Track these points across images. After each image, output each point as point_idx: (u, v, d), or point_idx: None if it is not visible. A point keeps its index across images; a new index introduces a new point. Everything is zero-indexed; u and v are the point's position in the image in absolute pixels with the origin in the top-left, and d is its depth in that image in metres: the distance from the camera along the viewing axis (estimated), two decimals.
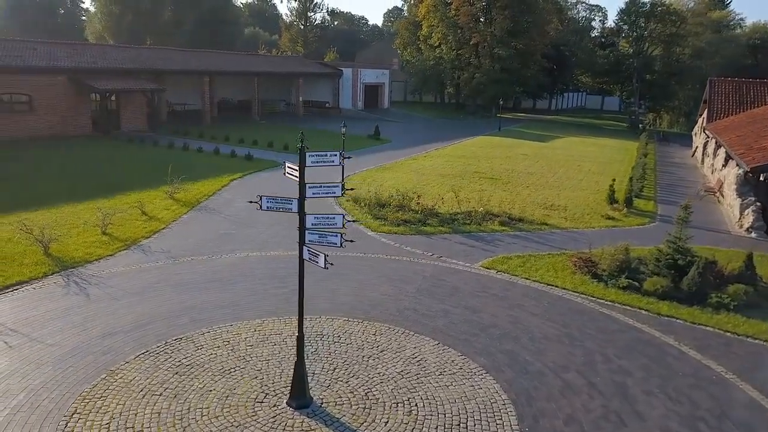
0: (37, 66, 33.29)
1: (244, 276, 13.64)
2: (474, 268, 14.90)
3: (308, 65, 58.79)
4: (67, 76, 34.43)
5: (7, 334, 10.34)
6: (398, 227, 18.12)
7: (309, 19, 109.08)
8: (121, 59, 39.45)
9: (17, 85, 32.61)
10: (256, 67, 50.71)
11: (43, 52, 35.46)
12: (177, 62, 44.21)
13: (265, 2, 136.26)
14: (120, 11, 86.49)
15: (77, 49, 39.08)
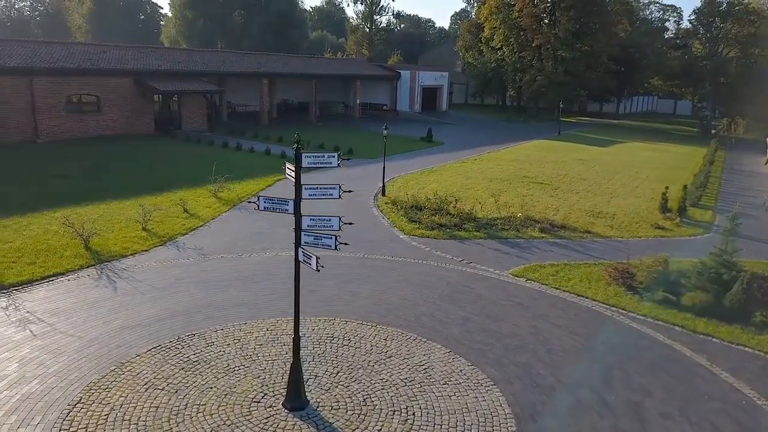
0: (105, 68, 35.01)
1: (268, 275, 13.77)
2: (503, 275, 14.46)
3: (367, 68, 59.15)
4: (132, 78, 36.02)
5: (34, 323, 10.82)
6: (432, 231, 17.85)
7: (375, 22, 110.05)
8: (184, 62, 40.92)
9: (87, 86, 34.38)
10: (315, 70, 51.43)
11: (112, 56, 37.25)
12: (237, 65, 45.44)
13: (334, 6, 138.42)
14: (193, 16, 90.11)
15: (144, 52, 40.83)
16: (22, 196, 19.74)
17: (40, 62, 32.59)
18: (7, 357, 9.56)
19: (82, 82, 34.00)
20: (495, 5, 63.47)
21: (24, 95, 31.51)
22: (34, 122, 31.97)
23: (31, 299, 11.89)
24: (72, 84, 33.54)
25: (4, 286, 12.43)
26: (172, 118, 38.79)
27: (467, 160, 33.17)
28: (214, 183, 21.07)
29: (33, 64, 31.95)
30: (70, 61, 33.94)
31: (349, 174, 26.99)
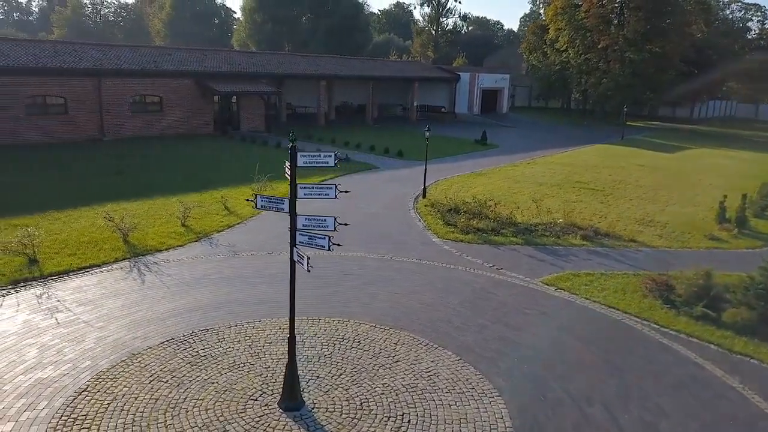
0: (168, 70, 36.45)
1: (286, 279, 13.79)
2: (533, 283, 13.96)
3: (425, 70, 58.93)
4: (193, 80, 37.32)
5: (61, 311, 11.30)
6: (467, 235, 17.48)
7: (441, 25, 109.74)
8: (244, 64, 42.03)
9: (151, 87, 35.89)
10: (372, 72, 51.66)
11: (176, 58, 38.74)
12: (296, 67, 46.26)
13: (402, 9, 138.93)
14: (262, 20, 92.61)
15: (206, 54, 42.23)
16: (79, 191, 20.77)
17: (108, 64, 34.31)
18: (29, 343, 10.01)
19: (146, 83, 35.53)
20: (560, 6, 61.81)
21: (92, 95, 33.23)
22: (101, 121, 33.65)
23: (63, 288, 12.43)
24: (137, 85, 35.09)
25: (43, 275, 13.06)
26: (230, 119, 39.92)
27: (520, 163, 32.40)
28: (257, 182, 21.44)
29: (101, 66, 33.66)
30: (135, 63, 35.55)
31: (395, 175, 26.96)
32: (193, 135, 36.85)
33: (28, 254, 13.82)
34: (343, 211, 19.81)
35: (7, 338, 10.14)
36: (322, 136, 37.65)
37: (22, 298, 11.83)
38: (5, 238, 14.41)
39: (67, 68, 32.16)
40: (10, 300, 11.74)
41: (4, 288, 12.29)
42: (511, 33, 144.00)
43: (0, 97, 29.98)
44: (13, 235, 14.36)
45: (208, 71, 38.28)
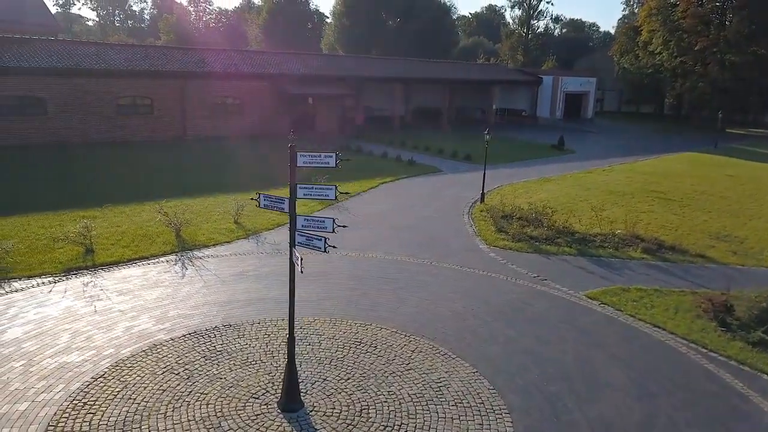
0: (247, 73, 37.80)
1: (327, 274, 13.85)
2: (576, 296, 13.19)
3: (506, 73, 57.66)
4: (271, 82, 38.47)
5: (101, 300, 11.89)
6: (517, 243, 16.83)
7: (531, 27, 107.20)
8: (322, 66, 42.88)
9: (231, 89, 37.35)
10: (451, 75, 51.15)
11: (255, 61, 40.11)
12: (373, 69, 46.62)
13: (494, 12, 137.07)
14: (350, 23, 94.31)
15: (285, 57, 43.41)
16: (149, 186, 21.90)
17: (192, 67, 36.06)
18: (64, 328, 10.58)
19: (226, 86, 37.02)
20: (655, 6, 58.53)
21: (177, 97, 35.03)
22: (184, 121, 35.40)
23: (109, 278, 13.09)
24: (218, 87, 36.62)
25: (95, 264, 13.83)
26: (306, 121, 40.78)
27: (594, 170, 30.90)
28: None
29: (186, 69, 35.42)
30: (218, 66, 37.12)
31: (458, 179, 26.51)
32: (270, 136, 37.86)
33: (85, 245, 14.69)
34: (395, 214, 19.75)
35: (47, 322, 10.78)
36: (393, 139, 37.66)
37: (70, 285, 12.56)
38: (73, 229, 15.32)
39: (155, 71, 34.11)
40: (60, 287, 12.49)
41: (58, 275, 13.10)
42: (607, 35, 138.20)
43: (95, 98, 32.25)
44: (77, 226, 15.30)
45: (285, 74, 39.32)
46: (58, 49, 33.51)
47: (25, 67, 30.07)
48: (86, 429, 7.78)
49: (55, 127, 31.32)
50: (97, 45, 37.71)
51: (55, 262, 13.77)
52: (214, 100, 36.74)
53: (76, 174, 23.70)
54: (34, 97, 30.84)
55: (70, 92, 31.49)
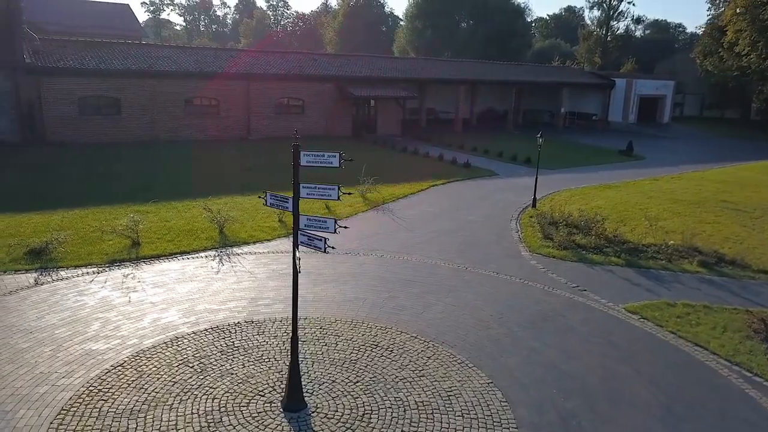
0: (311, 74, 38.45)
1: (358, 276, 13.79)
2: (614, 309, 12.51)
3: (576, 75, 55.81)
4: (334, 84, 38.97)
5: (136, 291, 12.35)
6: (562, 251, 16.20)
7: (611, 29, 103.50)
8: (385, 69, 43.00)
9: (294, 90, 38.11)
10: (517, 77, 50.04)
11: (320, 63, 40.77)
12: (437, 71, 46.31)
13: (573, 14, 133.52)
14: (422, 26, 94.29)
15: (350, 60, 43.89)
16: (205, 183, 22.61)
17: (257, 69, 37.06)
18: (97, 317, 11.05)
19: (290, 87, 37.79)
20: (742, 5, 54.93)
21: (242, 97, 36.10)
22: (248, 121, 36.43)
23: (149, 271, 13.59)
24: (281, 88, 37.45)
25: (138, 257, 14.39)
26: (368, 122, 41.06)
27: (661, 178, 29.34)
28: (362, 184, 21.76)
29: (251, 71, 36.45)
30: (282, 68, 37.98)
31: (514, 183, 25.88)
32: (331, 137, 38.40)
33: (132, 238, 15.33)
34: (439, 218, 19.47)
35: (83, 311, 11.29)
36: (453, 141, 37.25)
37: (110, 276, 13.13)
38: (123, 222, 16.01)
39: (221, 72, 35.27)
40: (101, 277, 13.07)
41: (102, 266, 13.73)
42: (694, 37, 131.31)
43: (165, 98, 33.74)
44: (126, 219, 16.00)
45: (348, 76, 39.71)
46: (134, 52, 35.30)
47: (103, 69, 31.87)
48: (95, 415, 8.05)
49: (128, 126, 33.00)
50: (170, 48, 39.42)
51: (102, 253, 14.44)
52: (278, 101, 37.59)
53: (140, 170, 24.81)
54: (110, 97, 32.61)
55: (142, 93, 33.08)
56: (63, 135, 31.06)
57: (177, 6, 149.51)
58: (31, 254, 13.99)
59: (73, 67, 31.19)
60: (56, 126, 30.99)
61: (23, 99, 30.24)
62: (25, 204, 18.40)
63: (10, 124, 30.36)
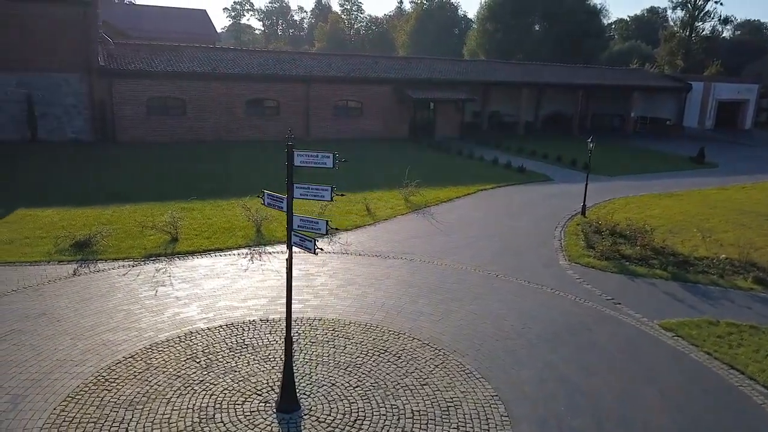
0: (369, 77, 38.62)
1: (383, 279, 13.63)
2: (648, 324, 11.75)
3: (648, 78, 53.21)
4: (392, 87, 38.98)
5: (163, 285, 12.71)
6: (603, 261, 15.43)
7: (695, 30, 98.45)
8: (444, 71, 42.60)
9: (353, 93, 38.40)
10: (583, 80, 48.29)
11: (380, 66, 40.90)
12: (498, 74, 45.45)
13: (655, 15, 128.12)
14: (493, 28, 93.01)
15: (411, 62, 43.81)
16: (253, 182, 23.02)
17: (318, 71, 37.60)
18: (122, 309, 11.44)
19: (349, 89, 38.10)
20: None
21: (302, 99, 36.72)
22: (307, 122, 37.00)
23: (180, 266, 13.97)
24: (341, 90, 37.82)
25: (173, 252, 14.83)
26: (426, 125, 40.82)
27: (731, 187, 27.49)
28: (406, 187, 21.59)
29: (311, 73, 37.02)
30: (342, 71, 38.36)
31: (567, 189, 25.00)
32: (388, 139, 38.44)
33: (171, 234, 15.83)
34: (480, 223, 19.01)
35: (109, 302, 11.73)
36: (511, 145, 36.42)
37: (143, 270, 13.59)
38: (165, 218, 16.56)
39: (283, 75, 36.02)
40: (135, 270, 13.56)
41: (138, 260, 14.25)
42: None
43: (228, 99, 34.80)
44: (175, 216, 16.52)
45: (408, 78, 39.60)
46: (201, 55, 36.64)
47: (170, 71, 33.23)
48: (96, 404, 8.30)
49: (192, 126, 34.27)
50: (235, 51, 40.69)
51: (141, 248, 14.98)
52: (336, 103, 37.97)
53: (197, 169, 25.62)
54: (176, 98, 33.96)
55: (206, 94, 34.26)
56: (131, 134, 32.62)
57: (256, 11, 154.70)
58: (75, 246, 14.70)
59: (142, 69, 32.72)
60: (125, 125, 32.57)
61: (96, 100, 31.99)
62: (84, 198, 19.40)
63: (84, 123, 32.20)
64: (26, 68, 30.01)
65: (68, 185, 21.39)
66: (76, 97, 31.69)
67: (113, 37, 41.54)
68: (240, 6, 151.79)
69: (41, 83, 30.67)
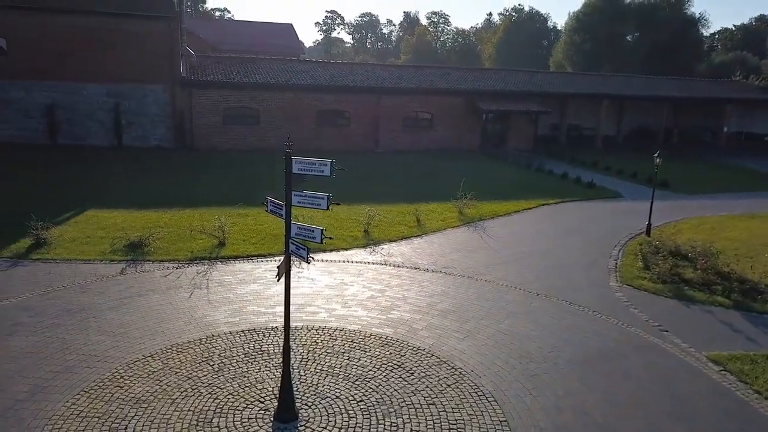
0: (441, 88, 38.39)
1: (412, 292, 13.35)
2: (694, 355, 10.78)
3: (745, 90, 49.45)
4: (464, 98, 38.52)
5: (200, 288, 13.06)
6: (659, 284, 14.37)
7: None
8: (519, 83, 41.63)
9: (424, 104, 38.27)
10: (668, 92, 45.59)
11: (452, 78, 40.58)
12: (576, 86, 43.88)
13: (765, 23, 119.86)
14: (582, 40, 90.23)
15: (484, 74, 43.18)
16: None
17: (389, 83, 37.81)
18: (154, 309, 11.85)
19: (419, 101, 38.01)
20: None
21: (372, 111, 37.01)
22: (376, 134, 37.25)
23: (221, 270, 14.32)
24: (411, 102, 37.80)
25: (217, 257, 15.25)
26: (497, 137, 40.03)
27: None
28: (459, 199, 21.16)
29: (382, 84, 37.28)
30: (413, 82, 38.38)
31: (636, 207, 23.58)
32: (458, 151, 37.91)
33: (219, 238, 16.29)
34: (535, 239, 18.29)
35: (145, 302, 12.20)
36: (587, 158, 34.93)
37: (185, 273, 14.05)
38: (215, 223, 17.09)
39: (353, 86, 36.48)
40: (177, 272, 14.05)
41: (183, 262, 14.75)
42: None
43: (299, 110, 35.66)
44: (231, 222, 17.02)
45: (480, 89, 39.02)
46: (276, 67, 37.83)
47: (245, 83, 34.52)
48: (106, 399, 8.58)
49: (265, 135, 35.33)
50: (309, 63, 41.71)
51: (188, 251, 15.52)
52: (406, 114, 37.98)
53: (264, 177, 26.30)
54: (251, 108, 35.20)
55: (279, 105, 35.27)
56: (208, 142, 34.09)
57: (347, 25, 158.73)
58: (129, 247, 15.44)
59: (220, 80, 34.19)
60: (203, 134, 34.09)
61: (177, 109, 33.75)
62: (150, 202, 20.39)
63: (166, 131, 34.02)
64: (116, 80, 32.11)
65: (140, 189, 22.57)
66: (159, 106, 33.54)
67: (205, 51, 43.89)
68: (331, 20, 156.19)
69: (129, 93, 32.70)
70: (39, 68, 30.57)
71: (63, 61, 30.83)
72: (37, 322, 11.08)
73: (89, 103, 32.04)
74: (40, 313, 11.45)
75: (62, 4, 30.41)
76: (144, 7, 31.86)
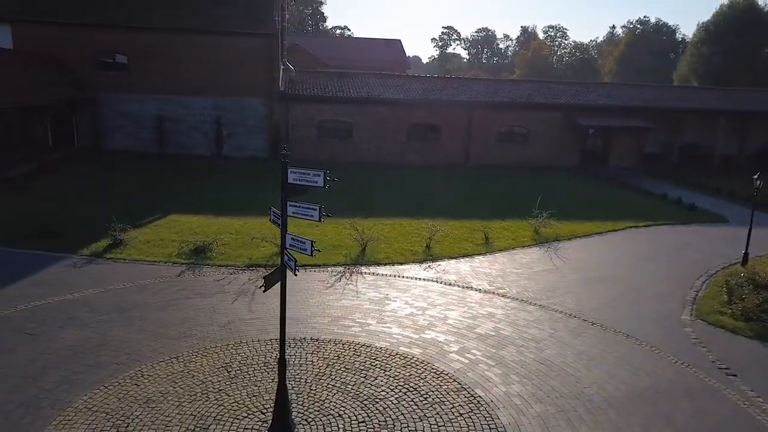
0: (538, 102, 37.03)
1: (452, 313, 12.77)
2: (758, 406, 9.36)
3: None
4: (563, 113, 36.88)
5: (245, 295, 13.30)
6: (741, 321, 12.74)
7: None
8: (624, 97, 39.20)
9: (520, 119, 37.09)
10: None
11: (550, 92, 39.02)
12: (690, 101, 40.58)
13: None
14: (710, 52, 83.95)
15: (587, 88, 41.07)
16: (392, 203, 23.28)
17: (483, 97, 37.09)
18: (197, 311, 12.21)
19: (515, 115, 36.89)
20: None
21: (464, 124, 36.44)
22: (467, 148, 36.61)
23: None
24: (506, 116, 36.77)
25: (272, 264, 15.50)
26: (598, 154, 37.92)
27: None
28: (535, 218, 20.13)
29: (474, 98, 36.64)
30: (508, 96, 37.36)
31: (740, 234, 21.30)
32: (554, 168, 36.25)
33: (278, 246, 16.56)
34: (611, 265, 17.00)
35: (191, 305, 12.61)
36: (696, 179, 32.09)
37: (237, 279, 14.40)
38: None
39: (445, 100, 36.15)
40: (230, 278, 14.43)
41: (239, 268, 15.17)
42: None
43: (391, 124, 35.88)
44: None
45: (580, 104, 37.19)
46: (371, 81, 38.38)
47: (340, 97, 35.33)
48: (120, 396, 8.89)
49: (357, 148, 35.89)
50: (402, 78, 41.86)
51: (247, 257, 15.94)
52: (500, 129, 37.00)
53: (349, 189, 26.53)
54: (344, 121, 35.94)
55: (372, 119, 35.70)
56: (303, 154, 35.06)
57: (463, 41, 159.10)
58: (194, 251, 16.13)
59: (315, 94, 35.25)
60: (298, 146, 35.21)
61: (274, 122, 35.19)
62: (230, 208, 21.19)
63: (262, 142, 35.57)
64: (218, 93, 34.11)
65: (226, 196, 23.60)
66: (256, 119, 35.14)
67: (314, 66, 45.63)
68: (447, 36, 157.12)
69: (230, 106, 34.57)
70: (152, 82, 33.17)
71: (172, 76, 33.25)
72: (89, 317, 11.79)
73: (194, 115, 34.24)
74: (95, 309, 12.18)
75: (174, 23, 32.84)
76: (246, 26, 33.63)
